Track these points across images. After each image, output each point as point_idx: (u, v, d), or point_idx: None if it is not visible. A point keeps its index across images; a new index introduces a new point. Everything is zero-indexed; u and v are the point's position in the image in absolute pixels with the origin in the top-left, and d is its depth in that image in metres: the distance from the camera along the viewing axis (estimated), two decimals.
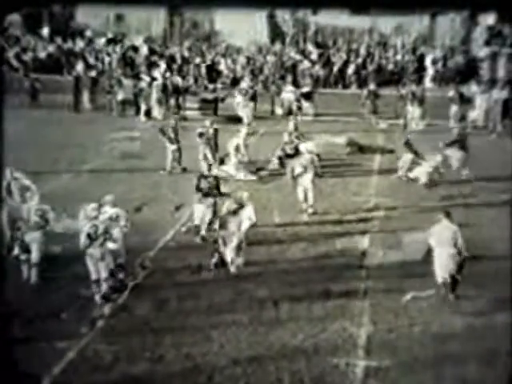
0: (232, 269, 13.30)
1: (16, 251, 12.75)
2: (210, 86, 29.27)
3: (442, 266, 12.21)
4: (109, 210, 12.71)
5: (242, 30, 39.43)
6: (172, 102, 26.95)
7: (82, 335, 10.91)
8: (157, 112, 26.25)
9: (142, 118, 26.03)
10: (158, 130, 20.23)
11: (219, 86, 29.16)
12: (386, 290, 12.63)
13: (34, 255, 12.68)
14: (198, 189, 14.81)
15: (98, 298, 12.15)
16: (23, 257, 12.70)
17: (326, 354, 10.59)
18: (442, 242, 12.20)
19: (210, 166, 17.40)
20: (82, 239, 12.06)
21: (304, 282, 12.94)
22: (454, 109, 24.86)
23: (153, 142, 21.89)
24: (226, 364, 10.27)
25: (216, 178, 15.29)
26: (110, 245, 12.36)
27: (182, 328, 11.26)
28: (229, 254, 13.34)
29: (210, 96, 27.89)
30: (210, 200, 14.71)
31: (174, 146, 19.45)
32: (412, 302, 12.18)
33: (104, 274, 12.17)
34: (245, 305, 12.07)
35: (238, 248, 13.40)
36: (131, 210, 13.61)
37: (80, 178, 18.52)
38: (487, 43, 36.62)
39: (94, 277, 12.21)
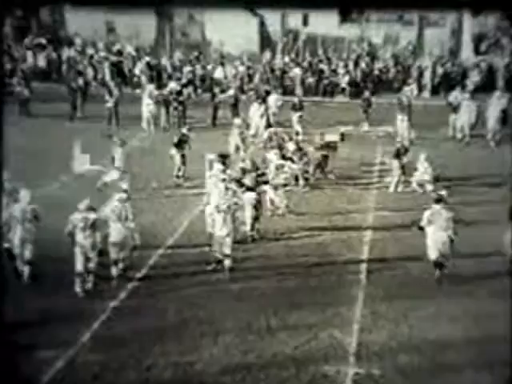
0: (227, 263, 13.62)
1: (6, 245, 13.01)
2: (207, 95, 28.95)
3: (434, 246, 13.18)
4: (118, 204, 13.28)
5: (233, 38, 39.53)
6: (171, 111, 26.61)
7: (70, 344, 10.86)
8: (155, 122, 25.95)
9: (145, 126, 25.70)
10: (160, 138, 20.08)
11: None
12: (386, 298, 12.69)
13: (27, 253, 12.99)
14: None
15: (79, 290, 12.45)
16: (17, 250, 12.98)
17: (318, 361, 10.58)
18: (434, 225, 13.16)
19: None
20: (69, 227, 12.59)
21: (301, 289, 12.98)
22: (452, 117, 24.94)
23: (151, 151, 21.90)
24: (216, 372, 10.23)
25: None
26: (111, 238, 13.07)
27: (172, 336, 11.22)
28: (226, 251, 13.66)
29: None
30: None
31: (179, 153, 19.27)
32: (411, 311, 12.21)
33: (92, 265, 12.59)
34: (236, 313, 12.05)
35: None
36: None
37: (73, 187, 18.11)
38: (485, 52, 36.89)
39: (78, 268, 12.52)
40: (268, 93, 27.84)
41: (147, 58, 35.18)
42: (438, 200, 13.46)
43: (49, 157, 20.63)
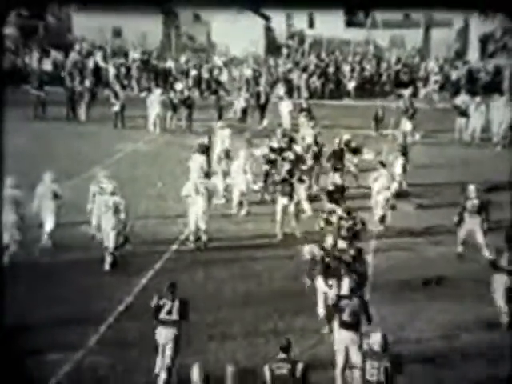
0: (204, 237, 15.01)
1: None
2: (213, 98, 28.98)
3: (377, 203, 16.22)
4: (109, 199, 13.90)
5: (238, 41, 39.58)
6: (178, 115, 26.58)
7: (78, 347, 10.88)
8: (161, 125, 25.92)
9: (151, 129, 25.70)
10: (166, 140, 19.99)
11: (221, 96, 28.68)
12: (391, 301, 12.61)
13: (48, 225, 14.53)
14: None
15: (108, 267, 13.64)
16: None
17: (324, 366, 10.51)
18: (378, 186, 16.26)
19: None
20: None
21: (305, 294, 12.94)
22: (458, 121, 24.85)
23: (158, 153, 21.94)
24: (221, 376, 10.19)
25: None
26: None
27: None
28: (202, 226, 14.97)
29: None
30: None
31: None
32: (417, 314, 12.20)
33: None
34: (241, 316, 12.04)
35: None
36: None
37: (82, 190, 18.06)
38: (492, 55, 36.83)
39: (110, 246, 13.77)
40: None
41: (154, 62, 35.34)
42: (382, 164, 16.86)
43: (51, 159, 20.66)
